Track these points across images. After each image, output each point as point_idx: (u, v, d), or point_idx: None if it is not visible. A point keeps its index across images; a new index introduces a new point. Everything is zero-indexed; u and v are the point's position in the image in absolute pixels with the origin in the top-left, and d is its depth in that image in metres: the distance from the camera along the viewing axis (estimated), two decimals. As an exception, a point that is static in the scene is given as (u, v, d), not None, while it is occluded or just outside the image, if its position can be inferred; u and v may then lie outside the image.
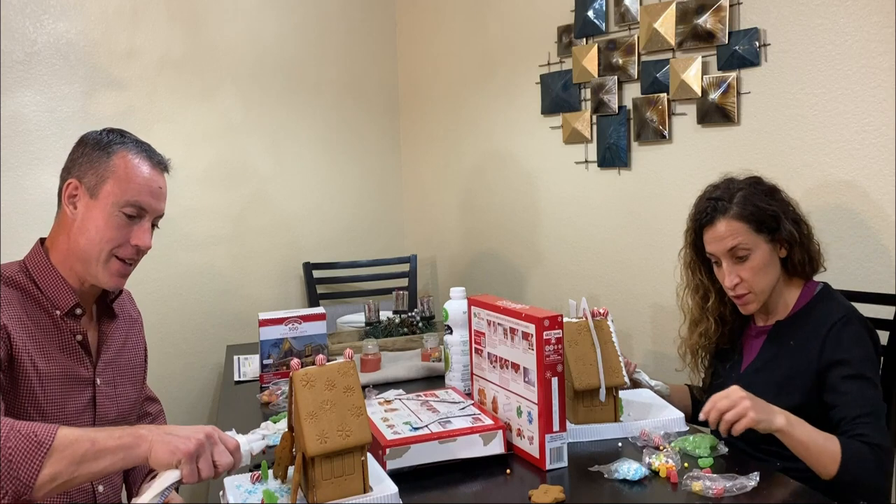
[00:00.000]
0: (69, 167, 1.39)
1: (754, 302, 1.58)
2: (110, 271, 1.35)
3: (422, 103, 3.30)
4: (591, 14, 2.43)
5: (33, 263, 1.36)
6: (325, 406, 1.18)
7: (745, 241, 1.53)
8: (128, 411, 1.49)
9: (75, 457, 1.06)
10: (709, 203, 1.58)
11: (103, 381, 1.41)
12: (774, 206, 1.54)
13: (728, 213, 1.54)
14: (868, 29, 1.76)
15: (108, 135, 1.40)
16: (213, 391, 2.88)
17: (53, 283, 1.34)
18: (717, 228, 1.55)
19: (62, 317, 1.34)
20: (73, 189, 1.36)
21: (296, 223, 3.11)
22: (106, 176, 1.34)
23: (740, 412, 1.31)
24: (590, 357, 1.53)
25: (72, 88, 2.59)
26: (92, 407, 1.38)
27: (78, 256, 1.35)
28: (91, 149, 1.37)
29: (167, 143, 2.79)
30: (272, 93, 3.02)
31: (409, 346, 2.27)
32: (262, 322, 1.99)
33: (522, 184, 2.83)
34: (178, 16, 2.79)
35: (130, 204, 1.35)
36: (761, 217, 1.53)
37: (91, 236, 1.33)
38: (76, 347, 1.36)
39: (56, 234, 1.38)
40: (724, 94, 2.06)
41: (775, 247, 1.55)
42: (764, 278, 1.55)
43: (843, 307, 1.53)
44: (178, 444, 1.09)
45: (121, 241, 1.35)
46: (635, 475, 1.29)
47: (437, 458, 1.37)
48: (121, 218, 1.34)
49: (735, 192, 1.56)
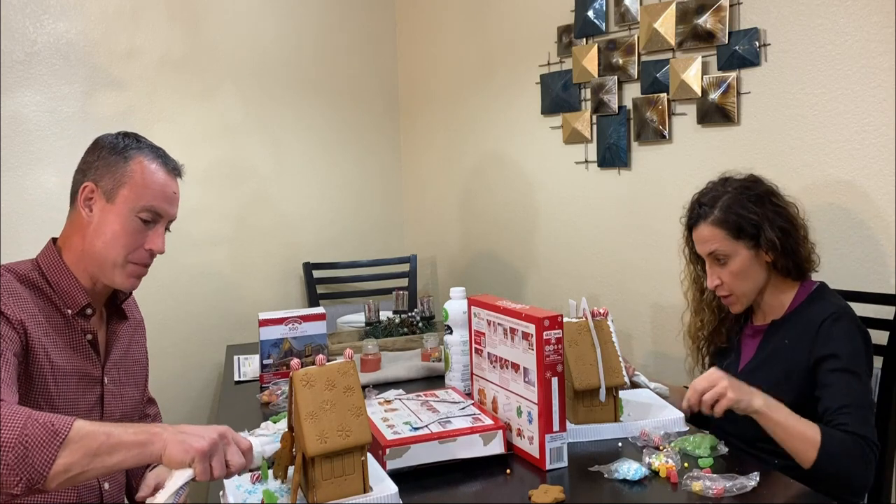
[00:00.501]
0: (84, 170, 1.40)
1: (737, 303, 1.62)
2: (126, 273, 1.39)
3: (422, 103, 3.30)
4: (591, 14, 2.43)
5: (46, 262, 1.37)
6: (325, 406, 1.18)
7: (722, 247, 1.57)
8: (131, 412, 1.50)
9: (90, 449, 1.06)
10: (695, 205, 1.63)
11: (110, 381, 1.43)
12: (757, 214, 1.55)
13: (708, 219, 1.58)
14: (868, 29, 1.76)
15: (124, 139, 1.41)
16: (213, 391, 2.88)
17: (66, 282, 1.36)
18: (700, 232, 1.60)
19: (73, 316, 1.36)
20: (90, 192, 1.37)
21: (296, 223, 3.11)
22: (123, 181, 1.37)
23: (719, 392, 1.36)
24: (590, 357, 1.53)
25: (72, 88, 2.59)
26: (99, 406, 1.40)
27: (94, 259, 1.37)
28: (108, 153, 1.39)
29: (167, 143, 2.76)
30: (272, 93, 3.02)
31: (409, 346, 2.27)
32: (262, 322, 1.99)
33: (522, 184, 2.83)
34: (178, 16, 2.79)
35: (146, 209, 1.38)
36: (740, 225, 1.55)
37: (107, 240, 1.36)
38: (86, 346, 1.38)
39: (69, 234, 1.40)
40: (724, 94, 2.06)
41: (758, 253, 1.56)
42: (744, 283, 1.58)
43: (835, 305, 1.54)
44: (192, 443, 1.09)
45: (136, 245, 1.38)
46: (635, 475, 1.29)
47: (437, 458, 1.37)
48: (137, 223, 1.37)
49: (721, 197, 1.58)
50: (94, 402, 1.38)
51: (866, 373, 1.49)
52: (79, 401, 1.35)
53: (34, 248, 1.41)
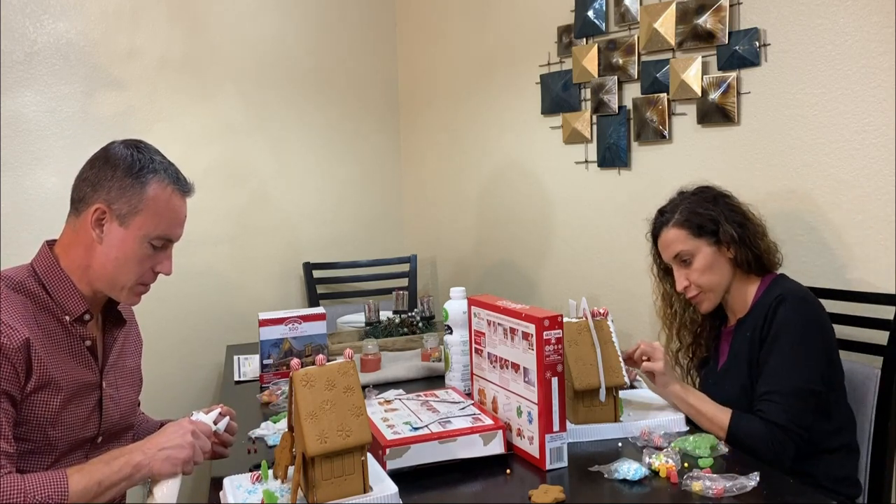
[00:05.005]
0: (95, 185, 1.35)
1: (706, 301, 1.69)
2: (133, 293, 1.40)
3: (422, 103, 3.30)
4: (591, 14, 2.43)
5: (42, 268, 1.35)
6: (325, 406, 1.18)
7: (685, 246, 1.66)
8: (129, 413, 1.49)
9: (86, 502, 1.17)
10: (658, 216, 1.74)
11: (108, 385, 1.41)
12: (713, 211, 1.65)
13: (670, 223, 1.68)
14: (868, 29, 1.76)
15: (138, 156, 1.37)
16: (213, 391, 2.88)
17: (64, 289, 1.34)
18: (664, 238, 1.70)
19: (71, 322, 1.34)
20: (101, 214, 1.34)
21: (296, 223, 3.11)
22: (139, 208, 1.34)
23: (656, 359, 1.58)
24: (590, 357, 1.53)
25: (72, 88, 2.59)
26: (98, 411, 1.38)
27: (100, 277, 1.36)
28: (123, 174, 1.35)
29: (167, 143, 2.77)
30: (272, 93, 3.02)
31: (409, 346, 2.27)
32: (262, 322, 1.99)
33: (522, 184, 2.83)
34: (178, 16, 2.79)
35: (160, 237, 1.38)
36: (699, 222, 1.65)
37: (118, 264, 1.35)
38: (84, 353, 1.36)
39: (70, 243, 1.37)
40: (724, 94, 2.06)
41: (720, 248, 1.65)
42: (711, 277, 1.66)
43: (784, 288, 1.60)
44: (176, 455, 1.19)
45: (146, 269, 1.39)
46: (635, 475, 1.29)
47: (437, 458, 1.37)
48: (148, 249, 1.37)
49: (679, 204, 1.70)
50: (92, 408, 1.37)
51: (810, 355, 1.51)
52: (78, 410, 1.33)
53: (34, 249, 1.40)
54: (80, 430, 1.33)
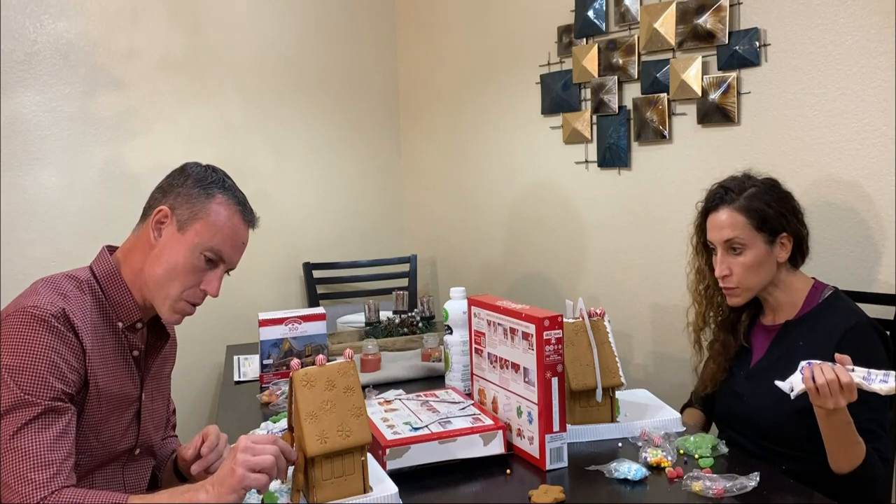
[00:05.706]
0: (166, 190, 1.37)
1: (739, 297, 1.59)
2: (174, 309, 1.36)
3: (422, 103, 3.30)
4: (592, 14, 2.43)
5: (102, 271, 1.34)
6: (325, 406, 1.18)
7: (741, 235, 1.54)
8: (162, 424, 1.49)
9: None
10: (719, 190, 1.60)
11: (146, 397, 1.41)
12: (784, 210, 1.56)
13: (733, 204, 1.56)
14: (868, 29, 1.76)
15: (212, 174, 1.40)
16: (213, 391, 2.88)
17: (121, 295, 1.34)
18: (719, 216, 1.57)
19: (123, 329, 1.34)
20: (163, 216, 1.34)
21: (296, 223, 3.11)
22: (199, 216, 1.34)
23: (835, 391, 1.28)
24: (586, 357, 1.53)
25: (72, 88, 2.59)
26: (136, 422, 1.37)
27: (149, 282, 1.34)
28: (193, 183, 1.36)
29: (167, 143, 2.81)
30: (272, 93, 3.02)
31: (409, 346, 2.27)
32: (262, 322, 1.99)
33: (522, 184, 2.83)
34: (178, 16, 2.79)
35: (213, 250, 1.35)
36: (765, 216, 1.54)
37: (167, 269, 1.33)
38: (130, 362, 1.36)
39: (132, 249, 1.37)
40: (725, 94, 2.06)
41: (773, 249, 1.56)
42: (754, 277, 1.56)
43: (856, 314, 1.53)
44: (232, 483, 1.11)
45: (193, 283, 1.36)
46: (635, 475, 1.29)
47: (437, 458, 1.37)
48: (200, 260, 1.35)
49: (748, 187, 1.57)
50: (131, 419, 1.36)
51: None
52: (118, 421, 1.32)
53: (34, 249, 1.40)
54: (119, 441, 1.32)
